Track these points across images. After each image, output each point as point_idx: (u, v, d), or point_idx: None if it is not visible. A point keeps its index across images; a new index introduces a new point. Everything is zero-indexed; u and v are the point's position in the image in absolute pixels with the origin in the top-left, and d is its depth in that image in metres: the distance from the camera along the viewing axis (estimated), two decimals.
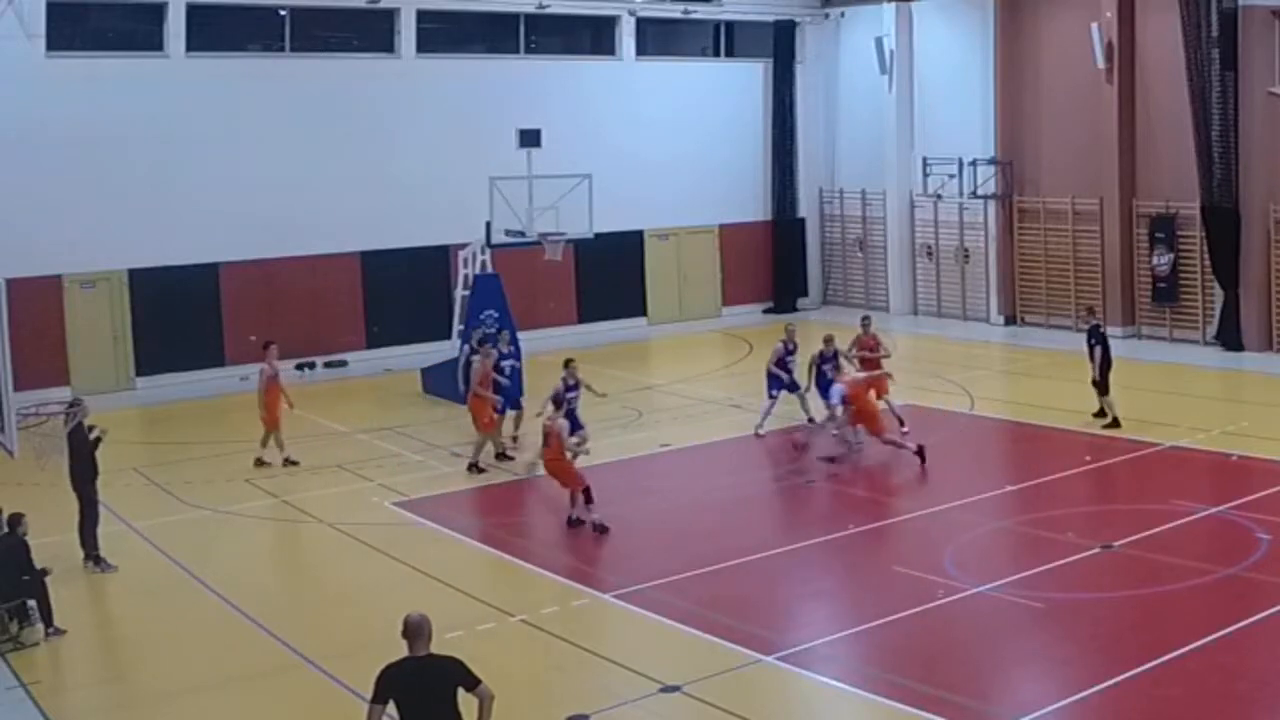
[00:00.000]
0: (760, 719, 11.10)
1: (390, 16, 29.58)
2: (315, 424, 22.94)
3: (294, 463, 20.01)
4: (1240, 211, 26.60)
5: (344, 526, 17.08)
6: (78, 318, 26.24)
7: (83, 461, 16.00)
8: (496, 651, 8.63)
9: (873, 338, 21.71)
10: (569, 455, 16.94)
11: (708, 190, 33.93)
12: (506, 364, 20.99)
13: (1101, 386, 20.84)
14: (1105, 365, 20.84)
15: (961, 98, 32.15)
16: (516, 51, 31.74)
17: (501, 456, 20.11)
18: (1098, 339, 20.86)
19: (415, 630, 8.34)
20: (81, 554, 15.82)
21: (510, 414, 21.03)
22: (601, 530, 16.38)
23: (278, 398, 20.11)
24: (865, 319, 22.38)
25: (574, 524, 16.67)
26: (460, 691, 8.37)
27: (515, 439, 20.98)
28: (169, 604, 14.65)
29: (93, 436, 16.18)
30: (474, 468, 19.54)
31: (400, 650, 8.47)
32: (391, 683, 8.28)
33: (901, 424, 20.57)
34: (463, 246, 26.01)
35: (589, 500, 16.58)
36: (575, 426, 18.76)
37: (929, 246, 33.65)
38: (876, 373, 20.90)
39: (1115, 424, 20.50)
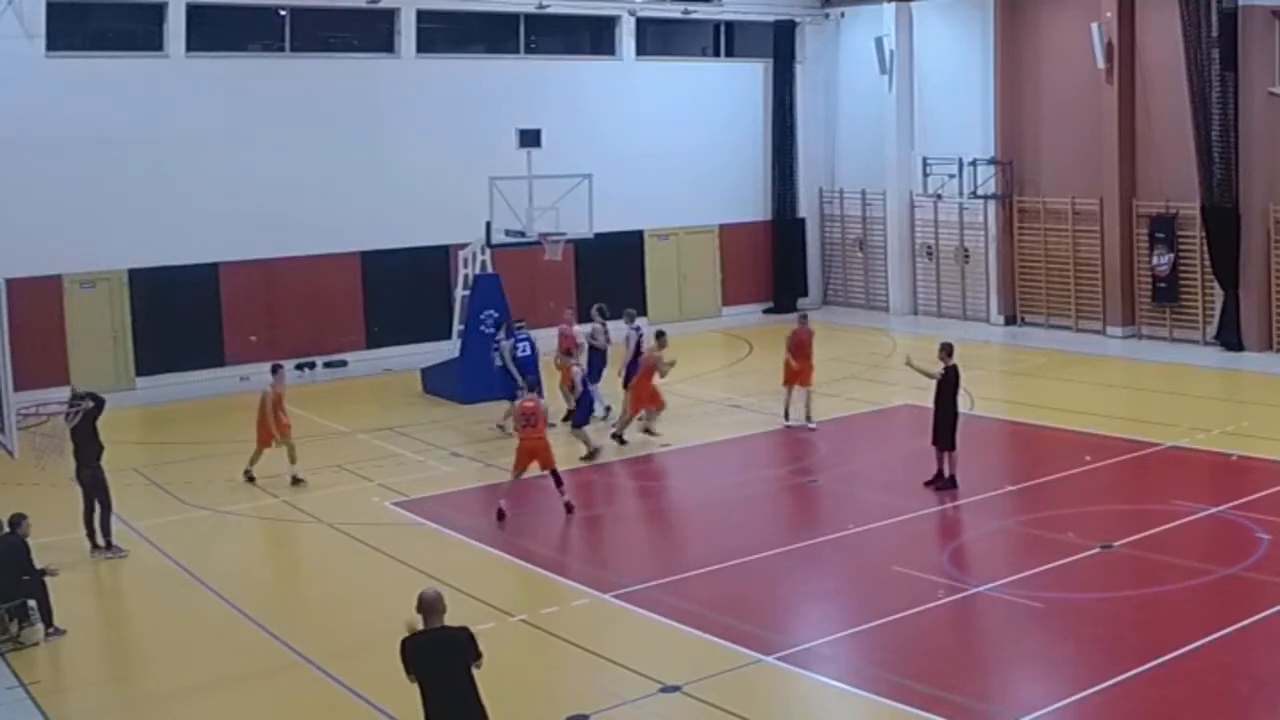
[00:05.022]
0: (760, 719, 11.11)
1: (390, 16, 29.57)
2: (315, 424, 22.93)
3: (253, 479, 19.29)
4: (1240, 211, 26.59)
5: (344, 526, 17.07)
6: (78, 318, 26.23)
7: (85, 439, 16.04)
8: (496, 651, 8.66)
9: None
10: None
11: (708, 190, 33.91)
12: (523, 344, 21.60)
13: (952, 439, 17.73)
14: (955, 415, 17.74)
15: (961, 98, 32.14)
16: (516, 51, 31.73)
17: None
18: (956, 381, 17.92)
19: (430, 605, 8.72)
20: (89, 545, 15.92)
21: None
22: (569, 509, 17.12)
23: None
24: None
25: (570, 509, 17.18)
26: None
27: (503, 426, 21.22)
28: (169, 604, 14.66)
29: (88, 405, 16.17)
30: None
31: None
32: (412, 654, 8.63)
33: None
34: (463, 246, 26.02)
35: (559, 482, 17.21)
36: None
37: (929, 246, 33.64)
38: None
39: (953, 482, 17.62)
